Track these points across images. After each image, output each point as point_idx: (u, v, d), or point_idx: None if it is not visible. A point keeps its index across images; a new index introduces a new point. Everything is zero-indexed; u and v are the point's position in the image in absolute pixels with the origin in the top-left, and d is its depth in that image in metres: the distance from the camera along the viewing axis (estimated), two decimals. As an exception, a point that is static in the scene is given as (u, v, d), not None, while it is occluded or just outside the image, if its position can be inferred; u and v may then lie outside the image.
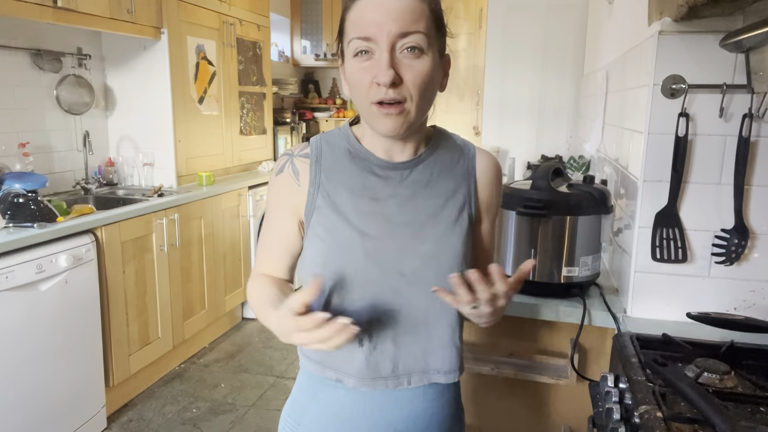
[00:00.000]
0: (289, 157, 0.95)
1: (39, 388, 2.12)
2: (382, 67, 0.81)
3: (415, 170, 0.93)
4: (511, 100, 3.34)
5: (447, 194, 0.94)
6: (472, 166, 0.98)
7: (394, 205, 0.91)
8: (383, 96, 0.83)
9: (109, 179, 3.20)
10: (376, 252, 0.89)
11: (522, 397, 1.48)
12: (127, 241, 2.56)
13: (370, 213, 0.90)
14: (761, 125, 1.20)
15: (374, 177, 0.92)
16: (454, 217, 0.93)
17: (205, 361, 3.14)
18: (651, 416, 0.87)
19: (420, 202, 0.92)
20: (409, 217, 0.91)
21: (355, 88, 0.87)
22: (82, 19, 2.51)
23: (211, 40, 3.47)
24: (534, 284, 1.40)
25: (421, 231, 0.91)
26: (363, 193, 0.91)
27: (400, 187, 0.92)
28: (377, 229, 0.89)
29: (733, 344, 1.11)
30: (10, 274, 1.97)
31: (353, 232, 0.89)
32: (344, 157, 0.93)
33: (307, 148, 0.95)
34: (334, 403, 0.95)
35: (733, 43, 1.11)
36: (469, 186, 0.96)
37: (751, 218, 1.24)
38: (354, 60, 0.85)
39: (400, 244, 0.89)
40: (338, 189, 0.91)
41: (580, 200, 1.36)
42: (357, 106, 0.89)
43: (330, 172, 0.92)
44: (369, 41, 0.83)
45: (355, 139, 0.95)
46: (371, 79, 0.83)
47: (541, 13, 3.19)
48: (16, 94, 2.68)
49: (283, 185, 0.94)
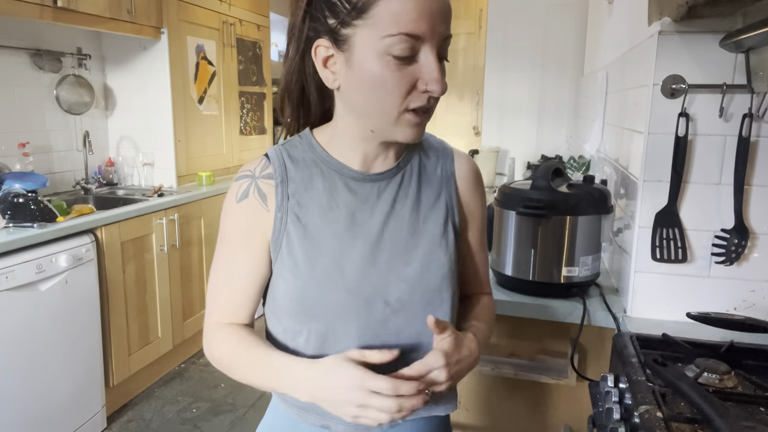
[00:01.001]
0: (251, 179, 0.81)
1: (39, 388, 2.12)
2: (436, 76, 0.72)
3: (393, 181, 0.83)
4: (511, 100, 3.34)
5: (429, 204, 0.85)
6: (451, 170, 0.88)
7: (374, 223, 0.81)
8: (425, 104, 0.74)
9: (109, 179, 3.20)
10: (357, 282, 0.79)
11: (522, 397, 1.48)
12: (127, 241, 2.55)
13: (347, 236, 0.80)
14: (761, 125, 1.20)
15: (349, 193, 0.81)
16: (440, 230, 0.84)
17: (205, 361, 3.14)
18: (651, 416, 0.87)
19: (401, 218, 0.82)
20: (391, 236, 0.81)
21: (379, 89, 0.73)
22: (82, 19, 2.51)
23: (211, 40, 3.47)
24: (534, 284, 1.40)
25: (404, 251, 0.81)
26: (337, 213, 0.80)
27: (378, 202, 0.82)
28: (357, 255, 0.80)
29: (733, 344, 1.11)
30: (10, 274, 1.97)
31: (330, 261, 0.79)
32: (312, 171, 0.82)
33: (269, 168, 0.82)
34: None
35: (733, 43, 1.11)
36: (450, 192, 0.87)
37: (751, 218, 1.24)
38: (389, 60, 0.71)
39: (383, 269, 0.80)
40: (309, 211, 0.80)
41: (580, 200, 1.36)
42: (368, 108, 0.76)
43: (298, 193, 0.81)
44: (418, 41, 0.71)
45: (321, 148, 0.83)
46: (411, 83, 0.73)
47: (541, 13, 3.19)
48: (16, 94, 2.68)
49: (249, 212, 0.81)
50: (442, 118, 4.73)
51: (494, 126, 3.41)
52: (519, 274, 1.41)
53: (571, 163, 2.53)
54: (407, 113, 0.74)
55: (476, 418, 1.53)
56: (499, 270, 1.47)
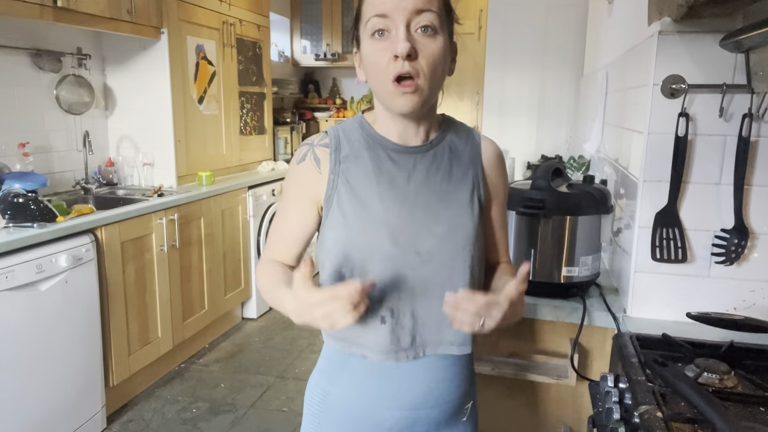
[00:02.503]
0: (309, 146, 0.99)
1: (39, 388, 2.12)
2: (400, 39, 0.86)
3: (428, 154, 0.98)
4: (511, 100, 3.34)
5: (458, 178, 0.99)
6: (478, 152, 1.03)
7: (410, 188, 0.96)
8: (400, 69, 0.86)
9: (109, 179, 3.20)
10: (395, 233, 0.93)
11: (522, 397, 1.48)
12: (126, 241, 2.55)
13: (388, 196, 0.95)
14: (761, 125, 1.20)
15: (390, 161, 0.97)
16: (467, 199, 0.99)
17: (205, 361, 3.14)
18: (651, 416, 0.87)
19: (433, 185, 0.97)
20: (424, 200, 0.96)
21: (373, 68, 0.90)
22: (82, 19, 2.51)
23: (211, 40, 3.47)
24: (534, 284, 1.40)
25: (435, 213, 0.96)
26: (380, 177, 0.95)
27: (414, 170, 0.97)
28: (396, 212, 0.94)
29: (733, 344, 1.11)
30: (10, 274, 1.97)
31: (373, 214, 0.94)
32: (361, 143, 0.98)
33: (326, 138, 0.99)
34: (360, 373, 0.99)
35: (733, 43, 1.11)
36: (477, 171, 1.02)
37: (751, 218, 1.24)
38: (371, 41, 0.89)
39: (417, 226, 0.94)
40: (357, 174, 0.96)
41: (580, 200, 1.36)
42: (375, 89, 0.93)
43: (348, 159, 0.96)
44: (386, 18, 0.87)
45: (369, 125, 1.00)
46: (389, 56, 0.87)
47: (541, 13, 3.19)
48: (16, 94, 2.68)
49: (305, 173, 0.98)
50: (442, 118, 4.73)
51: (494, 126, 3.41)
52: (519, 274, 1.41)
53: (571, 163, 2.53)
54: (392, 84, 0.88)
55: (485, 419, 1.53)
56: (499, 270, 1.47)
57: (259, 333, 3.54)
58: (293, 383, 2.92)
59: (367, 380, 0.99)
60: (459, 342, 0.99)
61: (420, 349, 0.98)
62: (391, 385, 0.98)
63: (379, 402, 0.98)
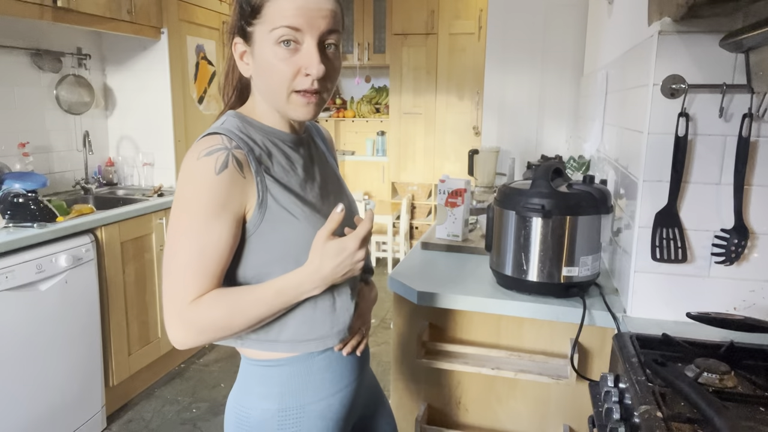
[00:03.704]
0: (226, 150, 0.88)
1: (39, 388, 2.12)
2: (315, 61, 0.89)
3: (307, 140, 1.06)
4: (511, 100, 3.34)
5: (328, 156, 1.12)
6: (323, 135, 1.17)
7: (317, 172, 1.02)
8: (308, 87, 0.90)
9: (109, 179, 3.20)
10: (324, 210, 0.98)
11: (522, 397, 1.48)
12: (126, 241, 2.55)
13: (307, 185, 0.98)
14: (761, 125, 1.20)
15: (294, 152, 1.00)
16: (338, 172, 1.13)
17: (205, 361, 3.14)
18: (651, 416, 0.87)
19: (324, 166, 1.06)
20: (328, 179, 1.05)
21: (272, 75, 0.91)
22: (82, 19, 2.51)
23: (210, 40, 3.47)
24: (534, 284, 1.40)
25: (339, 190, 1.07)
26: (294, 168, 0.98)
27: (310, 155, 1.03)
28: (319, 198, 0.99)
29: (733, 344, 1.11)
30: (10, 274, 1.97)
31: (308, 205, 0.96)
32: (263, 140, 0.96)
33: (233, 141, 0.90)
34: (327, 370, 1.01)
35: (733, 43, 1.11)
36: (331, 152, 1.16)
37: (751, 218, 1.24)
38: (276, 47, 0.89)
39: (334, 204, 0.98)
40: (277, 171, 0.95)
41: (580, 200, 1.36)
42: (268, 92, 0.94)
43: (263, 158, 0.94)
44: (298, 32, 0.88)
45: (256, 121, 0.98)
46: (296, 69, 0.89)
47: (541, 13, 3.19)
48: (16, 94, 2.68)
49: (230, 181, 0.87)
50: (443, 117, 4.73)
51: (494, 126, 3.41)
52: (519, 274, 1.41)
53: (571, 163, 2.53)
54: (294, 94, 0.91)
55: (476, 418, 1.53)
56: (499, 270, 1.47)
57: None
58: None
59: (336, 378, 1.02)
60: None
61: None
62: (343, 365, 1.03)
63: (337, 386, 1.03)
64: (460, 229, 1.83)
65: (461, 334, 1.51)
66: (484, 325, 1.48)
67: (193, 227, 0.86)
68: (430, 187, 4.95)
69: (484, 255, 1.75)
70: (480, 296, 1.41)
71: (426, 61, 4.73)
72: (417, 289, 1.44)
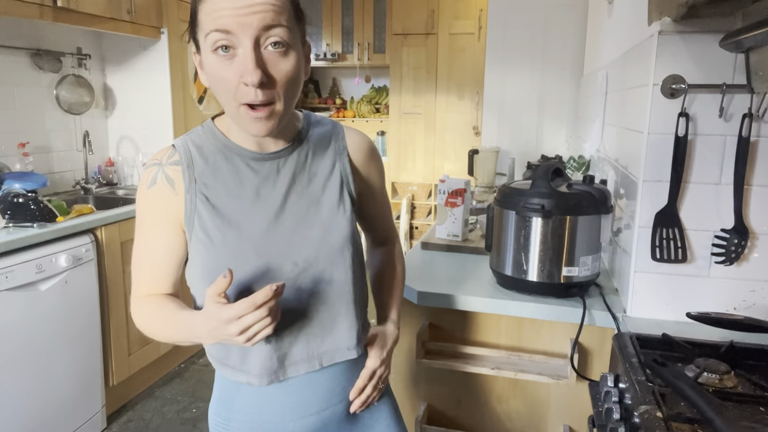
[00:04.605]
0: (159, 167, 0.89)
1: (39, 388, 2.12)
2: (249, 66, 0.77)
3: (290, 158, 0.93)
4: (510, 100, 3.34)
5: (325, 176, 0.95)
6: (342, 145, 0.99)
7: (277, 196, 0.91)
8: (253, 98, 0.79)
9: (108, 179, 3.20)
10: (266, 247, 0.88)
11: (522, 397, 1.48)
12: (126, 241, 2.55)
13: (253, 209, 0.89)
14: (761, 125, 1.20)
15: (251, 171, 0.90)
16: (337, 198, 0.95)
17: (205, 361, 3.14)
18: (651, 416, 0.87)
19: (300, 189, 0.93)
20: (294, 206, 0.91)
21: (218, 85, 0.81)
22: (82, 19, 2.51)
23: (211, 40, 3.47)
24: (534, 284, 1.40)
25: (306, 217, 0.92)
26: (243, 190, 0.89)
27: (278, 177, 0.91)
28: (264, 224, 0.89)
29: (733, 344, 1.11)
30: (10, 274, 1.97)
31: (239, 232, 0.88)
32: (216, 156, 0.90)
33: (176, 155, 0.90)
34: (256, 395, 0.95)
35: (733, 43, 1.11)
36: (344, 164, 0.98)
37: (751, 218, 1.24)
38: (214, 56, 0.79)
39: (288, 234, 0.90)
40: (216, 191, 0.88)
41: (580, 200, 1.36)
42: (222, 103, 0.84)
43: (204, 175, 0.89)
44: (229, 34, 0.77)
45: (222, 134, 0.92)
46: (237, 78, 0.78)
47: (541, 13, 3.19)
48: (16, 94, 2.68)
49: (159, 197, 0.89)
50: (443, 117, 4.73)
51: (494, 126, 3.41)
52: (519, 274, 1.41)
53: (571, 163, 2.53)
54: (242, 107, 0.81)
55: (476, 418, 1.53)
56: (499, 270, 1.47)
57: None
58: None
59: (265, 400, 0.94)
60: (353, 344, 0.97)
61: (315, 361, 0.94)
62: (291, 398, 0.94)
63: (282, 416, 0.95)
64: (460, 229, 1.83)
65: (461, 334, 1.51)
66: (484, 325, 1.48)
67: (137, 234, 0.93)
68: (430, 187, 4.95)
69: (484, 255, 1.75)
70: (480, 296, 1.41)
71: (426, 61, 4.73)
72: (417, 289, 1.44)
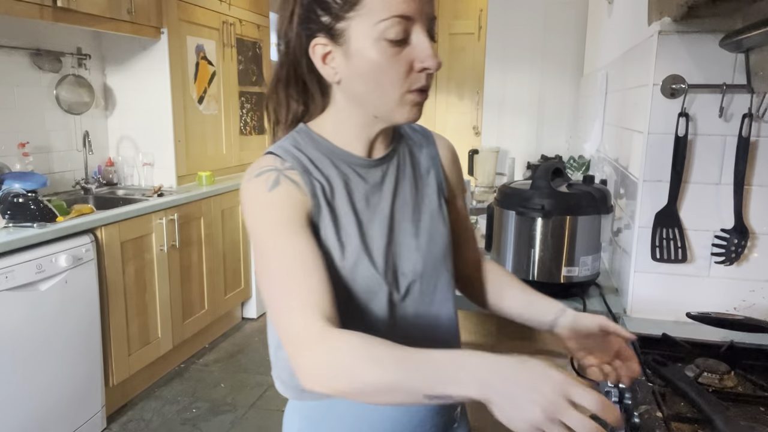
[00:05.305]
0: (276, 171, 0.80)
1: (39, 388, 2.12)
2: (429, 52, 0.76)
3: (392, 164, 0.89)
4: (511, 100, 3.34)
5: (423, 182, 0.93)
6: (435, 150, 0.97)
7: (385, 204, 0.86)
8: (424, 83, 0.78)
9: (108, 179, 3.20)
10: (381, 259, 0.84)
11: (522, 397, 1.48)
12: (126, 241, 2.55)
13: (366, 219, 0.84)
14: (761, 125, 1.20)
15: (359, 178, 0.85)
16: (436, 204, 0.92)
17: (205, 361, 3.14)
18: (651, 416, 0.87)
19: (404, 196, 0.89)
20: (400, 214, 0.88)
21: (379, 75, 0.76)
22: (82, 19, 2.51)
23: (210, 40, 3.47)
24: (534, 284, 1.40)
25: (412, 226, 0.89)
26: (355, 198, 0.84)
27: (384, 183, 0.87)
28: (377, 235, 0.84)
29: (733, 344, 1.11)
30: (10, 274, 1.97)
31: (358, 243, 0.83)
32: (323, 161, 0.84)
33: (286, 162, 0.81)
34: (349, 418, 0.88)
35: (733, 43, 1.11)
36: (438, 170, 0.95)
37: (751, 218, 1.24)
38: (383, 43, 0.75)
39: (398, 245, 0.86)
40: (334, 199, 0.83)
41: (580, 200, 1.36)
42: (369, 95, 0.79)
43: (320, 182, 0.82)
44: (408, 21, 0.75)
45: (324, 139, 0.86)
46: (408, 65, 0.76)
47: (541, 13, 3.19)
48: (16, 94, 2.68)
49: (286, 198, 0.79)
50: (442, 117, 4.73)
51: (494, 126, 3.41)
52: (519, 274, 1.41)
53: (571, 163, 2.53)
54: (408, 94, 0.78)
55: (476, 418, 1.53)
56: (499, 270, 1.47)
57: (259, 333, 3.54)
58: (293, 383, 2.92)
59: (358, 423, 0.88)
60: None
61: None
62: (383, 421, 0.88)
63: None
64: (460, 229, 1.83)
65: (461, 334, 1.50)
66: (484, 325, 1.48)
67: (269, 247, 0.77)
68: (430, 187, 4.95)
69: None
70: (480, 296, 1.41)
71: (426, 61, 4.73)
72: (417, 289, 1.44)
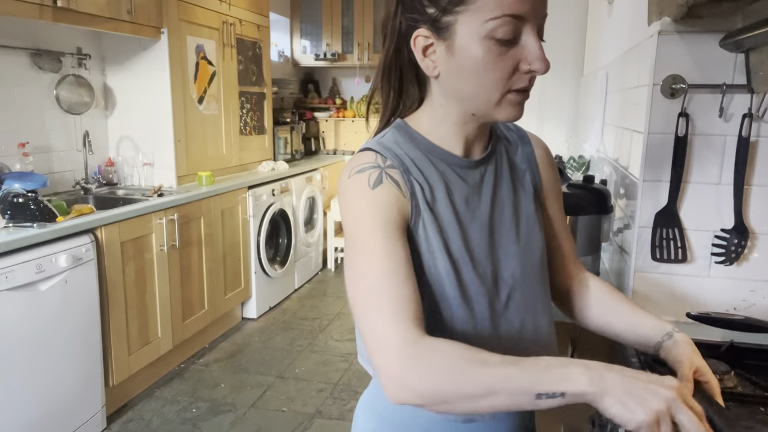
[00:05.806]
0: (378, 169, 0.78)
1: (39, 388, 2.12)
2: (539, 54, 0.73)
3: (490, 165, 0.86)
4: (511, 100, 3.34)
5: (521, 185, 0.89)
6: (530, 151, 0.93)
7: (484, 207, 0.83)
8: (526, 84, 0.76)
9: (108, 179, 3.20)
10: (481, 264, 0.81)
11: (522, 397, 1.48)
12: (126, 241, 2.55)
13: (466, 222, 0.81)
14: (761, 125, 1.20)
15: (459, 179, 0.83)
16: (533, 208, 0.89)
17: (205, 361, 3.14)
18: (651, 416, 0.87)
19: (502, 199, 0.86)
20: (499, 218, 0.85)
21: (483, 73, 0.74)
22: (82, 19, 2.51)
23: (211, 40, 3.47)
24: (534, 284, 1.40)
25: (510, 230, 0.85)
26: (454, 198, 0.81)
27: (482, 186, 0.84)
28: (477, 239, 0.82)
29: (733, 344, 1.11)
30: (10, 274, 1.97)
31: (460, 247, 0.80)
32: (422, 161, 0.81)
33: (387, 159, 0.79)
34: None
35: (733, 43, 1.11)
36: (534, 173, 0.92)
37: (751, 218, 1.24)
38: (489, 42, 0.72)
39: (497, 250, 0.83)
40: (434, 199, 0.80)
41: (580, 200, 1.36)
42: (469, 92, 0.77)
43: (420, 181, 0.80)
44: (520, 21, 0.72)
45: (423, 137, 0.84)
46: (514, 65, 0.74)
47: (541, 13, 3.19)
48: (16, 94, 2.68)
49: (387, 197, 0.76)
50: (442, 118, 4.72)
51: (494, 126, 3.41)
52: (519, 274, 1.41)
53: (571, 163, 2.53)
54: (510, 94, 0.76)
55: None
56: (499, 270, 1.47)
57: (259, 333, 3.54)
58: (293, 383, 2.92)
59: None
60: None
61: None
62: None
63: None
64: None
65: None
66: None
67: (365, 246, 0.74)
68: (430, 187, 4.95)
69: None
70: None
71: (426, 61, 4.73)
72: (417, 289, 1.44)
